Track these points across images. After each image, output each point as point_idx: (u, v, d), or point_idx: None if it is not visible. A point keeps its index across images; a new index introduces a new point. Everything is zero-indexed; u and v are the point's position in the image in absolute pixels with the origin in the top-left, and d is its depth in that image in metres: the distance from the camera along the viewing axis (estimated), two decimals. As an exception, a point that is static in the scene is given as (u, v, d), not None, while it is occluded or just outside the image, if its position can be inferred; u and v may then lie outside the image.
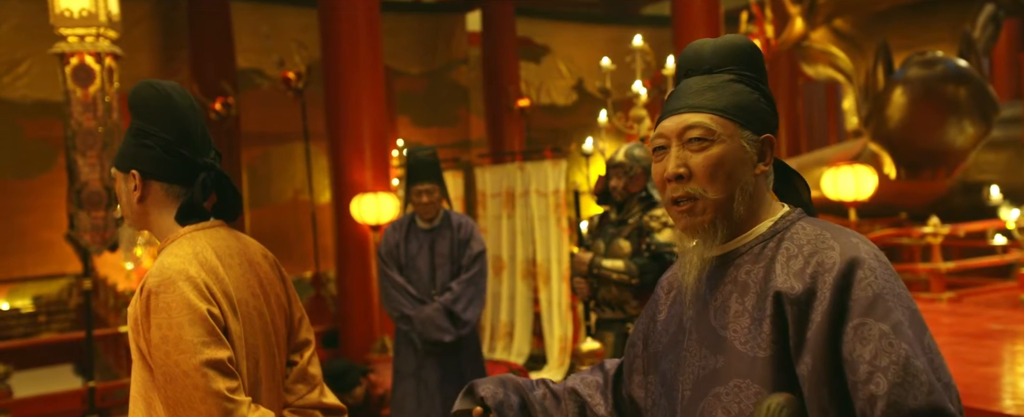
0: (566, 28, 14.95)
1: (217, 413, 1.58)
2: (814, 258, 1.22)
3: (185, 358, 1.57)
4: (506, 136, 13.01)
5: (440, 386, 3.87)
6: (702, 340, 1.29)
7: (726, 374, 1.24)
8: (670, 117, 1.32)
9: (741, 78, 1.32)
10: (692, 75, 1.35)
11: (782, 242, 1.27)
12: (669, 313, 1.40)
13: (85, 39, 4.37)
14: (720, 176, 1.27)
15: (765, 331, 1.21)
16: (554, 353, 6.89)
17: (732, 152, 1.28)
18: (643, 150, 3.84)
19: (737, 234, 1.31)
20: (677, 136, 1.30)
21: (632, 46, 5.34)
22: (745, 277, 1.28)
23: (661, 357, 1.37)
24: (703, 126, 1.28)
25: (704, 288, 1.32)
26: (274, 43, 9.95)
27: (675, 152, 1.29)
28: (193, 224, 1.75)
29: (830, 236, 1.24)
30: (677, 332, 1.35)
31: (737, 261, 1.30)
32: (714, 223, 1.29)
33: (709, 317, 1.29)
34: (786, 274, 1.22)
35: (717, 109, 1.29)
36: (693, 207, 1.28)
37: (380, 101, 7.84)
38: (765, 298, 1.23)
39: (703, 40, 1.38)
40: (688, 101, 1.31)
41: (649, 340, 1.44)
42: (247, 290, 1.75)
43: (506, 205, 7.33)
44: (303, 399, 1.89)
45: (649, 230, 3.66)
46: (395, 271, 3.92)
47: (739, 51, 1.34)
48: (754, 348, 1.22)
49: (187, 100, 1.78)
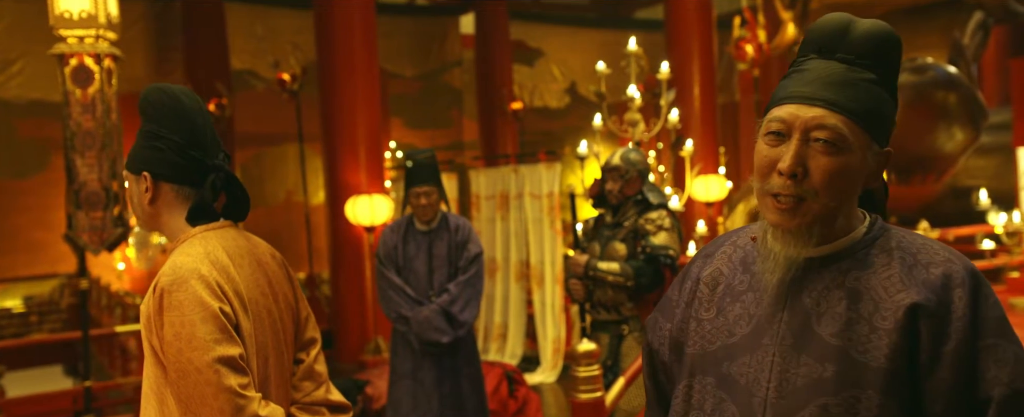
0: (559, 31, 15.01)
1: (229, 409, 1.62)
2: (938, 269, 1.17)
3: (198, 355, 1.61)
4: (499, 139, 13.05)
5: (437, 386, 3.91)
6: (801, 346, 1.18)
7: (838, 384, 1.15)
8: (799, 104, 1.18)
9: (882, 80, 1.20)
10: (828, 56, 1.21)
11: (889, 249, 1.21)
12: (729, 311, 1.28)
13: (84, 40, 4.39)
14: (837, 186, 1.17)
15: (891, 342, 1.14)
16: (548, 355, 6.93)
17: (857, 164, 1.18)
18: (638, 154, 3.89)
19: (830, 238, 1.22)
20: (804, 129, 1.17)
21: (627, 50, 5.39)
22: (855, 283, 1.18)
23: (723, 359, 1.26)
24: (838, 131, 1.16)
25: (791, 291, 1.22)
26: (269, 45, 9.98)
27: (796, 147, 1.17)
28: (203, 224, 1.79)
29: (938, 246, 1.21)
30: (755, 333, 1.23)
31: (839, 266, 1.21)
32: (812, 227, 1.19)
33: (811, 323, 1.18)
34: (915, 284, 1.16)
35: (856, 114, 1.17)
36: (796, 207, 1.18)
37: (375, 103, 7.88)
38: (893, 308, 1.15)
39: (848, 18, 1.23)
40: (824, 94, 1.17)
41: (691, 340, 1.32)
42: (257, 289, 1.79)
43: (500, 207, 7.37)
44: (310, 396, 1.93)
45: (645, 233, 3.71)
46: (393, 272, 3.96)
47: (888, 47, 1.21)
48: (875, 358, 1.14)
49: (196, 103, 1.82)
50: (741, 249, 1.33)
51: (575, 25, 15.25)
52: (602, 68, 5.31)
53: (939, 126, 7.17)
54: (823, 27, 1.23)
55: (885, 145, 1.22)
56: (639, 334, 3.74)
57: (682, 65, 9.12)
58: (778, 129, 1.20)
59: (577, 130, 16.99)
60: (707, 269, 1.35)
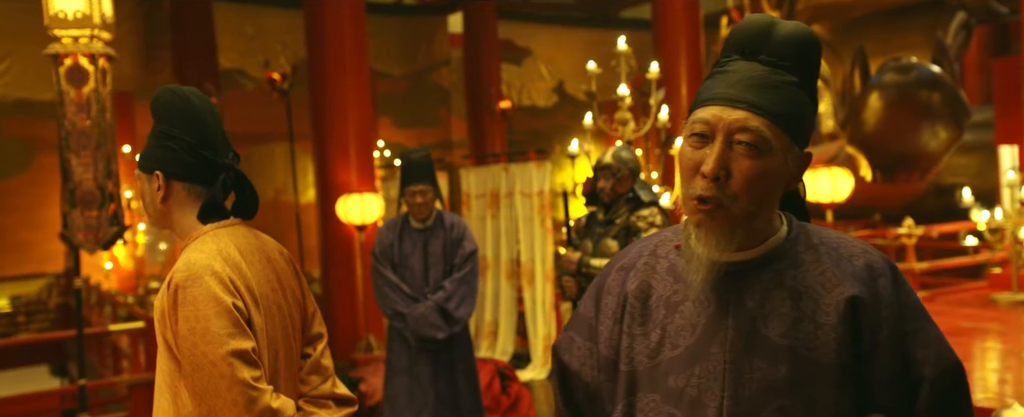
0: (547, 31, 15.07)
1: (242, 401, 1.66)
2: (860, 261, 1.21)
3: (212, 348, 1.66)
4: (487, 137, 13.10)
5: (432, 382, 3.96)
6: (751, 350, 1.18)
7: (793, 384, 1.15)
8: (723, 106, 1.18)
9: (803, 83, 1.20)
10: (751, 57, 1.20)
11: (813, 246, 1.23)
12: (668, 323, 1.25)
13: (79, 40, 4.41)
14: (759, 190, 1.17)
15: (837, 336, 1.16)
16: (538, 352, 6.99)
17: (778, 168, 1.18)
18: (630, 152, 3.95)
19: (753, 240, 1.22)
20: (727, 132, 1.17)
21: (617, 50, 5.45)
22: (793, 282, 1.19)
23: (668, 372, 1.23)
24: (761, 134, 1.16)
25: (733, 296, 1.21)
26: (259, 44, 9.98)
27: (719, 149, 1.16)
28: (214, 222, 1.84)
29: (851, 239, 1.25)
30: (701, 343, 1.21)
31: (774, 266, 1.21)
32: (733, 231, 1.19)
33: (758, 325, 1.18)
34: (847, 277, 1.19)
35: (778, 117, 1.17)
36: (717, 211, 1.17)
37: (366, 102, 7.92)
38: (834, 303, 1.17)
39: (771, 19, 1.22)
40: (747, 96, 1.17)
41: (625, 358, 1.28)
42: (267, 285, 1.83)
43: (490, 206, 7.43)
44: (317, 389, 1.97)
45: (636, 230, 3.77)
46: (389, 270, 4.01)
47: (809, 49, 1.21)
48: (824, 354, 1.16)
49: (206, 104, 1.87)
50: (665, 259, 1.30)
51: (562, 24, 15.31)
52: (593, 68, 5.38)
53: (923, 125, 7.28)
54: (746, 28, 1.22)
55: (805, 147, 1.23)
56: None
57: (670, 64, 9.20)
58: (701, 131, 1.19)
59: (565, 129, 17.07)
60: (633, 282, 1.30)
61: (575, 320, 1.40)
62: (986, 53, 11.76)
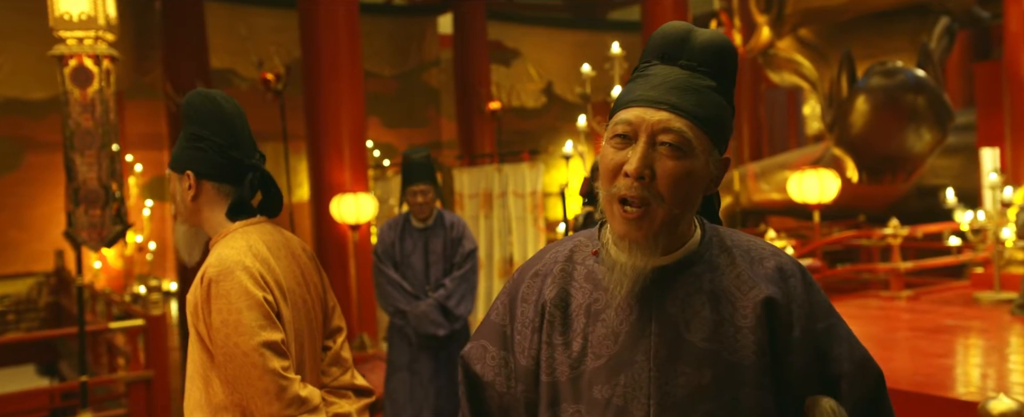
0: (536, 32, 15.17)
1: (273, 389, 1.75)
2: (771, 263, 1.24)
3: (244, 340, 1.75)
4: (477, 138, 13.19)
5: (433, 378, 4.05)
6: (675, 356, 1.18)
7: (717, 387, 1.17)
8: (645, 108, 1.18)
9: (721, 88, 1.22)
10: (670, 62, 1.22)
11: (727, 249, 1.25)
12: (590, 332, 1.23)
13: (84, 41, 4.47)
14: (682, 191, 1.17)
15: (756, 338, 1.18)
16: (531, 349, 7.10)
17: (700, 169, 1.19)
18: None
19: (675, 245, 1.23)
20: (650, 133, 1.17)
21: (611, 53, 5.56)
22: (711, 286, 1.21)
23: (592, 383, 1.21)
24: (683, 135, 1.17)
25: (655, 302, 1.21)
26: (252, 44, 10.04)
27: (643, 149, 1.17)
28: (243, 220, 1.92)
29: (760, 241, 1.29)
30: (624, 351, 1.20)
31: (692, 270, 1.23)
32: (657, 237, 1.19)
33: (681, 331, 1.19)
34: (760, 279, 1.22)
35: (700, 119, 1.18)
36: (644, 213, 1.17)
37: (359, 102, 7.99)
38: (751, 305, 1.20)
39: (688, 27, 1.24)
40: (669, 98, 1.18)
41: (546, 368, 1.26)
42: (293, 280, 1.92)
43: (483, 205, 7.52)
44: (337, 380, 2.06)
45: (633, 229, 3.88)
46: (391, 268, 4.09)
47: (725, 56, 1.23)
48: (745, 356, 1.18)
49: (234, 107, 1.95)
50: (583, 266, 1.28)
51: (551, 26, 15.42)
52: (587, 71, 5.48)
53: (908, 127, 7.44)
54: (665, 34, 1.24)
55: (724, 151, 1.24)
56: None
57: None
58: (624, 132, 1.19)
59: (553, 130, 17.19)
60: (551, 290, 1.28)
61: (486, 328, 1.36)
62: (968, 57, 11.97)
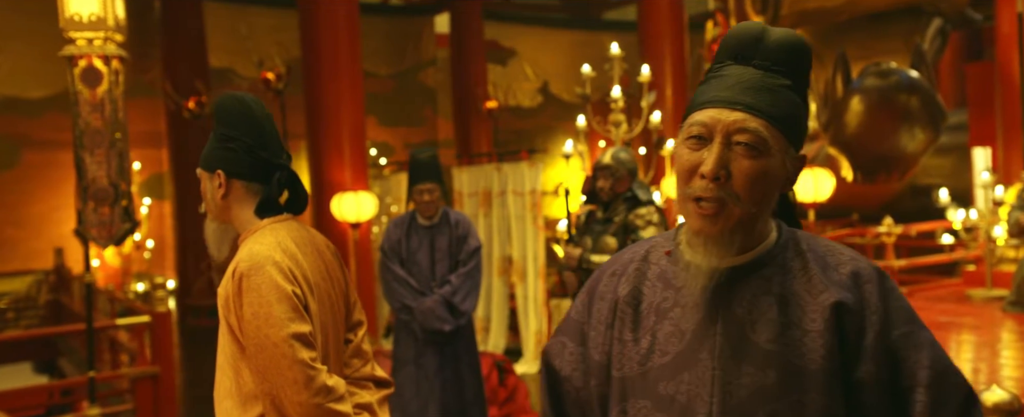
0: (532, 32, 15.27)
1: (302, 378, 1.84)
2: (847, 268, 1.23)
3: (274, 331, 1.83)
4: (474, 137, 13.27)
5: (438, 372, 4.13)
6: (740, 356, 1.19)
7: (781, 389, 1.17)
8: (720, 108, 1.20)
9: (796, 87, 1.22)
10: (744, 63, 1.23)
11: (802, 253, 1.25)
12: (658, 330, 1.26)
13: (93, 42, 4.54)
14: (759, 190, 1.18)
15: (824, 342, 1.17)
16: (530, 347, 7.18)
17: (776, 168, 1.19)
18: (628, 153, 4.15)
19: (749, 246, 1.23)
20: (725, 133, 1.18)
21: (610, 54, 5.65)
22: (780, 289, 1.21)
23: (657, 379, 1.24)
24: (759, 134, 1.17)
25: (722, 302, 1.22)
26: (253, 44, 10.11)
27: (718, 150, 1.18)
28: (271, 217, 2.00)
29: (841, 247, 1.27)
30: (690, 349, 1.22)
31: (762, 273, 1.23)
32: (733, 234, 1.20)
33: (747, 332, 1.20)
34: (832, 285, 1.20)
35: (775, 119, 1.19)
36: (719, 211, 1.18)
37: (359, 101, 8.06)
38: (819, 309, 1.19)
39: (762, 26, 1.25)
40: (744, 98, 1.19)
41: (616, 363, 1.29)
42: (318, 274, 2.00)
43: (483, 204, 7.60)
44: (359, 372, 2.15)
45: (634, 228, 3.97)
46: (397, 265, 4.17)
47: (801, 55, 1.23)
48: (812, 360, 1.17)
49: (262, 109, 2.03)
50: (656, 265, 1.30)
51: (547, 26, 15.52)
52: (587, 71, 5.57)
53: (902, 127, 7.55)
54: (738, 35, 1.25)
55: (800, 149, 1.24)
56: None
57: (655, 66, 9.39)
58: (699, 133, 1.20)
59: (549, 129, 17.27)
60: (624, 288, 1.30)
61: (566, 324, 1.40)
62: (960, 58, 12.10)
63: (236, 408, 1.92)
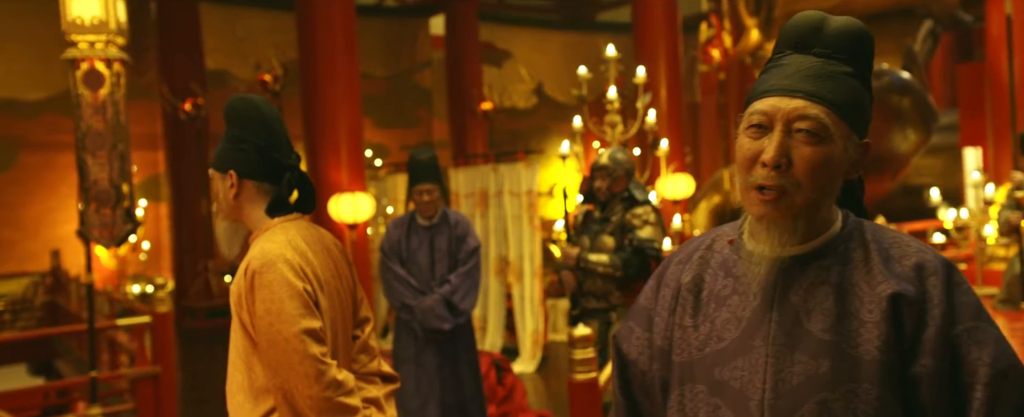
0: (526, 33, 15.35)
1: (313, 373, 1.89)
2: (912, 260, 1.21)
3: (286, 327, 1.88)
4: (469, 138, 13.33)
5: (438, 371, 4.19)
6: (793, 344, 1.19)
7: (834, 378, 1.17)
8: (780, 97, 1.20)
9: (858, 74, 1.22)
10: (804, 51, 1.24)
11: (865, 244, 1.24)
12: (716, 316, 1.28)
13: (95, 45, 4.58)
14: (821, 177, 1.19)
15: (880, 333, 1.17)
16: (527, 346, 7.24)
17: (838, 155, 1.20)
18: (625, 154, 4.22)
19: (812, 234, 1.23)
20: (786, 121, 1.19)
21: (606, 56, 5.72)
22: (839, 279, 1.21)
23: (713, 365, 1.26)
24: (820, 121, 1.18)
25: (778, 290, 1.23)
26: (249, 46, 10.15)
27: (779, 138, 1.18)
28: (281, 216, 2.06)
29: (908, 239, 1.25)
30: (744, 336, 1.23)
31: (821, 262, 1.22)
32: (796, 220, 1.20)
33: (801, 320, 1.20)
34: (894, 276, 1.19)
35: (836, 105, 1.19)
36: (780, 199, 1.18)
37: (356, 103, 8.11)
38: (877, 300, 1.18)
39: (822, 15, 1.25)
40: (804, 86, 1.20)
41: (677, 348, 1.31)
42: (328, 272, 2.06)
43: (479, 204, 7.66)
44: (366, 367, 2.20)
45: (631, 227, 4.03)
46: (397, 265, 4.23)
47: (862, 42, 1.24)
48: (867, 351, 1.17)
49: (273, 111, 2.09)
50: (718, 253, 1.32)
51: (542, 27, 15.60)
52: (584, 73, 5.63)
53: (894, 128, 7.64)
54: (798, 24, 1.25)
55: (864, 136, 1.24)
56: (627, 320, 4.06)
57: (650, 68, 9.45)
58: (760, 121, 1.21)
59: (543, 129, 17.34)
60: (688, 275, 1.33)
61: (635, 310, 1.42)
62: (951, 59, 12.20)
63: (248, 402, 1.98)
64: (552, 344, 7.81)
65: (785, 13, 8.18)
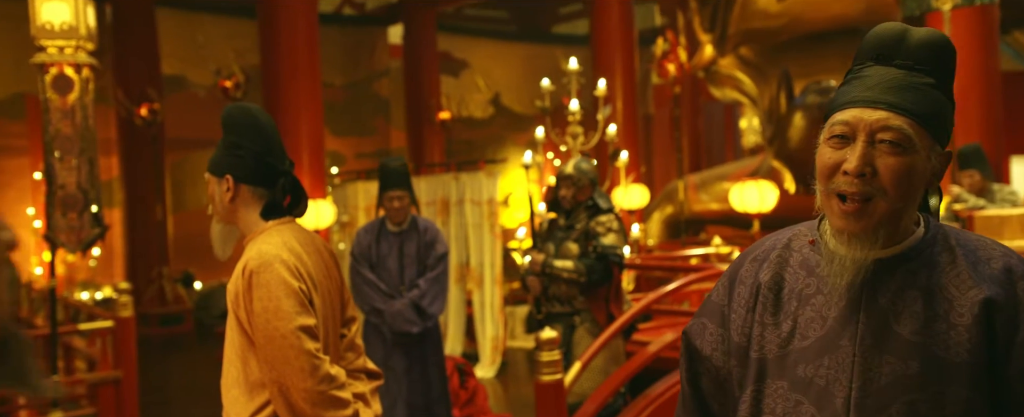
0: (484, 44, 15.51)
1: (308, 368, 2.00)
2: (998, 264, 1.23)
3: (283, 324, 1.98)
4: (426, 147, 13.42)
5: (406, 373, 4.29)
6: (882, 345, 1.21)
7: (923, 380, 1.18)
8: (863, 108, 1.22)
9: (940, 84, 1.24)
10: (885, 62, 1.25)
11: (951, 248, 1.25)
12: (799, 315, 1.29)
13: (65, 50, 4.61)
14: (904, 186, 1.20)
15: (971, 337, 1.18)
16: (487, 352, 7.35)
17: (921, 164, 1.21)
18: (589, 164, 4.38)
19: (896, 240, 1.25)
20: (869, 131, 1.20)
21: (568, 69, 5.88)
22: (927, 282, 1.22)
23: (797, 362, 1.27)
24: (903, 132, 1.20)
25: (866, 292, 1.24)
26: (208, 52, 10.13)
27: (862, 148, 1.20)
28: (275, 219, 2.16)
29: (991, 242, 1.28)
30: (830, 335, 1.25)
31: (908, 266, 1.24)
32: (878, 229, 1.21)
33: (890, 323, 1.22)
34: (983, 280, 1.21)
35: (918, 116, 1.21)
36: (864, 207, 1.20)
37: (318, 110, 8.18)
38: (968, 304, 1.19)
39: (905, 27, 1.26)
40: (887, 97, 1.21)
41: (756, 345, 1.32)
42: (320, 272, 2.17)
43: (441, 213, 7.76)
44: (352, 364, 2.31)
45: (595, 234, 4.19)
46: (367, 269, 4.33)
47: (945, 53, 1.25)
48: (957, 353, 1.18)
49: (268, 119, 2.19)
50: (798, 253, 1.34)
51: (499, 39, 15.78)
52: (547, 84, 5.79)
53: (841, 142, 7.92)
54: (880, 35, 1.26)
55: (945, 146, 1.25)
56: (590, 325, 4.21)
57: (606, 80, 9.70)
58: (842, 132, 1.22)
59: (499, 139, 17.49)
60: (766, 274, 1.34)
61: (707, 307, 1.44)
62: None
63: (243, 395, 2.07)
64: (511, 350, 7.94)
65: (738, 30, 8.45)
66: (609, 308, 4.21)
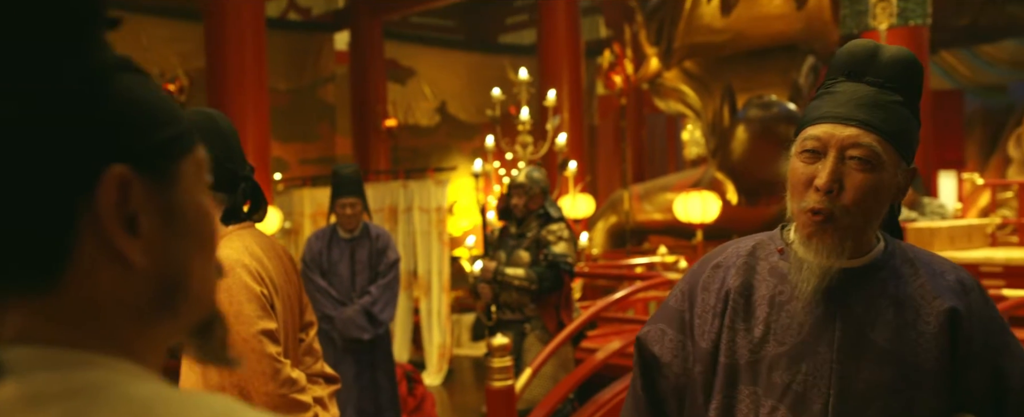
0: (431, 52, 15.50)
1: (269, 371, 2.01)
2: (952, 276, 1.30)
3: (245, 328, 1.99)
4: (372, 154, 13.36)
5: (356, 379, 4.30)
6: (858, 352, 1.26)
7: (897, 387, 1.24)
8: (834, 124, 1.25)
9: (907, 102, 1.28)
10: (856, 79, 1.28)
11: (910, 260, 1.32)
12: (774, 321, 1.31)
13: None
14: (869, 202, 1.24)
15: (937, 344, 1.24)
16: (433, 359, 7.36)
17: (888, 181, 1.25)
18: (541, 173, 4.44)
19: (863, 250, 1.30)
20: (839, 148, 1.24)
21: (518, 79, 5.95)
22: (895, 291, 1.28)
23: (772, 368, 1.29)
24: (872, 149, 1.23)
25: (840, 300, 1.28)
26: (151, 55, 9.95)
27: (833, 164, 1.23)
28: (235, 224, 2.17)
29: (939, 257, 1.37)
30: (808, 341, 1.28)
31: (878, 276, 1.29)
32: (843, 242, 1.25)
33: (866, 330, 1.27)
34: (943, 291, 1.27)
35: (887, 134, 1.24)
36: (828, 223, 1.24)
37: (264, 116, 8.11)
38: (934, 313, 1.26)
39: (875, 44, 1.31)
40: (858, 114, 1.24)
41: (726, 351, 1.33)
42: (281, 277, 2.18)
43: (388, 220, 7.75)
44: (310, 369, 2.33)
45: (546, 243, 4.26)
46: (318, 276, 4.32)
47: (913, 71, 1.29)
48: (925, 361, 1.24)
49: (228, 124, 2.20)
50: (767, 261, 1.36)
51: (446, 47, 15.80)
52: (497, 94, 5.85)
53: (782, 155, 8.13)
54: (852, 52, 1.30)
55: (911, 162, 1.29)
56: (540, 332, 4.27)
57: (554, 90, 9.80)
58: (814, 147, 1.25)
59: (445, 147, 17.49)
60: (735, 279, 1.36)
61: (664, 313, 1.45)
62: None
63: (202, 400, 2.07)
64: (457, 358, 7.96)
65: (683, 45, 8.64)
66: (559, 316, 4.28)
